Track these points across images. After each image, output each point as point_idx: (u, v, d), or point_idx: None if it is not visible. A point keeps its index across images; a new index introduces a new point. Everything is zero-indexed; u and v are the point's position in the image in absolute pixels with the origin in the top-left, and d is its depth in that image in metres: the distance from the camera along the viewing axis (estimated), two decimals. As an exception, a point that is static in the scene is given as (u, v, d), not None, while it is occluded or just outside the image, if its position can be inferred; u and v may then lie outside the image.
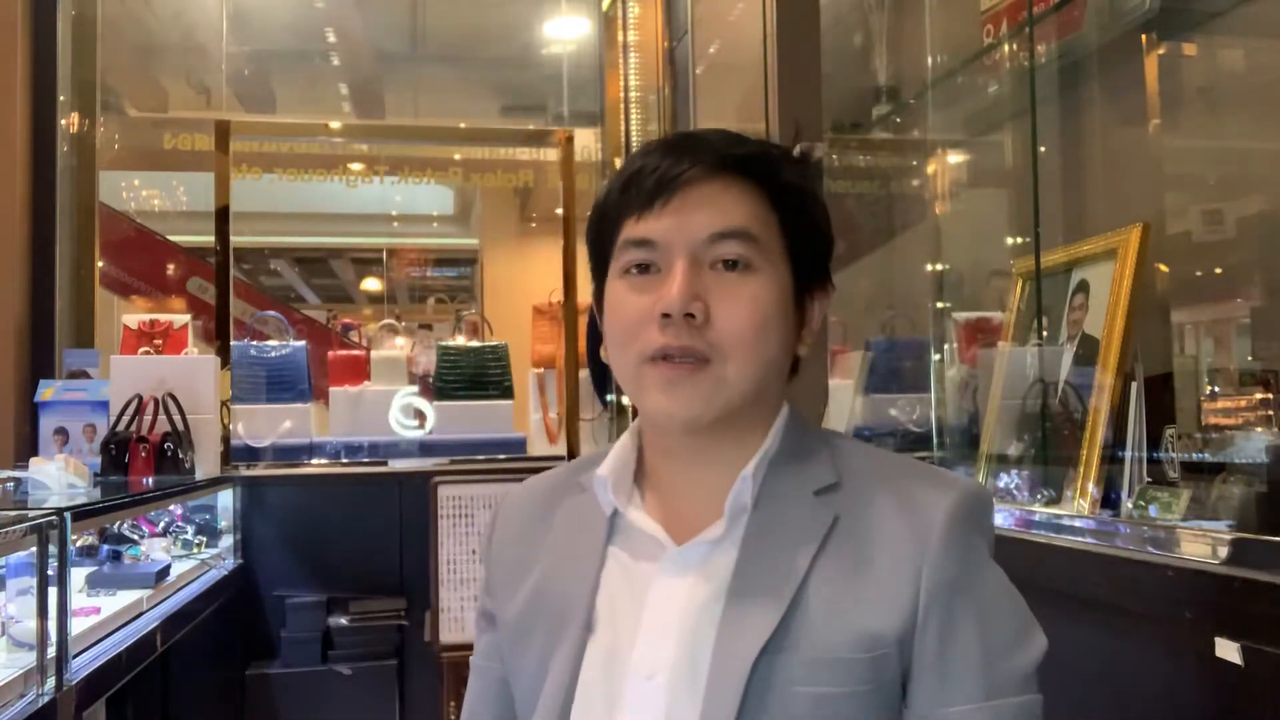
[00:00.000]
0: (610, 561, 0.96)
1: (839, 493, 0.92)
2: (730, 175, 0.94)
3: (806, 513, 0.91)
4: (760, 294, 0.92)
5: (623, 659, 0.91)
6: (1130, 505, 1.46)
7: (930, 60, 2.12)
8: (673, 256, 0.92)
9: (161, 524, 2.92)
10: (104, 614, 2.08)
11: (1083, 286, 1.71)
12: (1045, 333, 1.80)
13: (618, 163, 4.34)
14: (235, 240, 3.63)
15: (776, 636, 0.85)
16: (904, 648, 0.86)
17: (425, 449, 3.61)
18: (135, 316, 3.27)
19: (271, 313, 4.12)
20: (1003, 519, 1.65)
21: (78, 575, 2.27)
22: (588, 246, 1.02)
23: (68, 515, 1.75)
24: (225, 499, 3.18)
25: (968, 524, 0.89)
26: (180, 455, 2.91)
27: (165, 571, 2.50)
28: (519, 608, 1.00)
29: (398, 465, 3.52)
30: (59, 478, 2.30)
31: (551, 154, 4.73)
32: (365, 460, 3.54)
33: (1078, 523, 1.47)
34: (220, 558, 3.04)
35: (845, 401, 2.52)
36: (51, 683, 1.67)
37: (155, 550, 2.67)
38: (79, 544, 2.50)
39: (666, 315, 0.89)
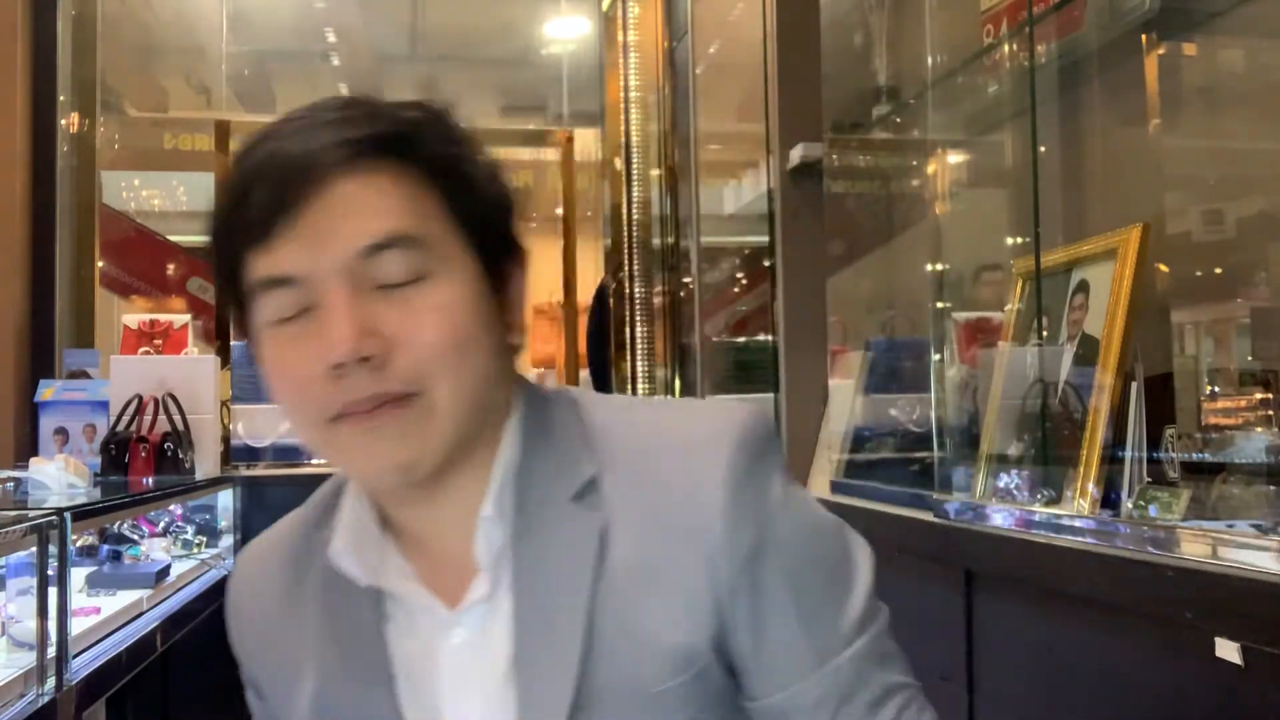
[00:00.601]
0: (394, 647, 0.82)
1: (601, 487, 0.78)
2: (368, 163, 0.74)
3: (571, 529, 0.78)
4: (446, 301, 0.74)
5: None
6: (1130, 505, 1.46)
7: (930, 60, 2.12)
8: (323, 287, 0.73)
9: (161, 524, 2.92)
10: (104, 614, 2.08)
11: (1083, 286, 1.71)
12: (1045, 333, 1.80)
13: (618, 163, 4.34)
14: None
15: (581, 693, 0.75)
16: (722, 646, 0.77)
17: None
18: (135, 316, 3.27)
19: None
20: (1003, 519, 1.65)
21: (78, 575, 2.27)
22: (216, 285, 0.81)
23: (68, 515, 1.75)
24: (225, 499, 3.18)
25: (749, 481, 0.77)
26: (180, 455, 2.92)
27: (165, 571, 2.50)
28: (305, 717, 0.85)
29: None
30: (59, 478, 2.30)
31: (551, 154, 4.74)
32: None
33: (1078, 523, 1.47)
34: (220, 558, 3.04)
35: (845, 401, 2.52)
36: (51, 683, 1.67)
37: (155, 550, 2.67)
38: (79, 544, 2.50)
39: (339, 365, 0.72)
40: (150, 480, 2.83)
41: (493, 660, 0.79)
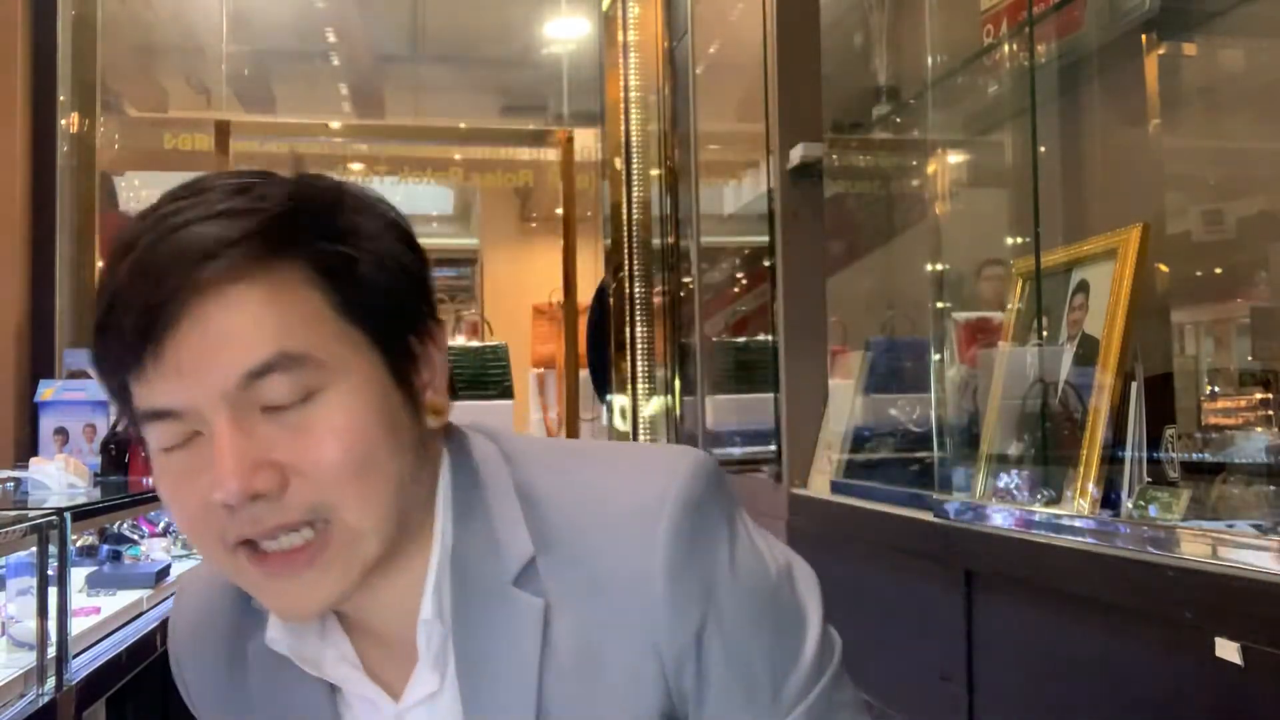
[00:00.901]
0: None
1: (539, 569, 0.74)
2: (240, 273, 0.66)
3: (512, 617, 0.73)
4: (342, 422, 0.68)
5: None
6: (1130, 505, 1.46)
7: (930, 60, 2.12)
8: (205, 418, 0.67)
9: (161, 524, 2.92)
10: (104, 614, 2.08)
11: (1083, 286, 1.71)
12: (1045, 333, 1.80)
13: (618, 163, 4.34)
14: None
15: None
16: (671, 717, 0.75)
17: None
18: (135, 316, 3.27)
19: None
20: (1003, 519, 1.65)
21: (78, 575, 2.27)
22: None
23: (68, 515, 1.75)
24: (225, 499, 3.18)
25: (690, 558, 0.73)
26: (180, 455, 2.91)
27: (165, 571, 2.50)
28: None
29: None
30: (59, 478, 2.30)
31: (551, 154, 4.74)
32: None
33: (1078, 523, 1.47)
34: (220, 558, 3.04)
35: (845, 401, 2.52)
36: (51, 683, 1.67)
37: (155, 550, 2.67)
38: (79, 544, 2.50)
39: (226, 505, 0.67)
40: (150, 480, 2.82)
41: None
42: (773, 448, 2.71)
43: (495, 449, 0.80)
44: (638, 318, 4.23)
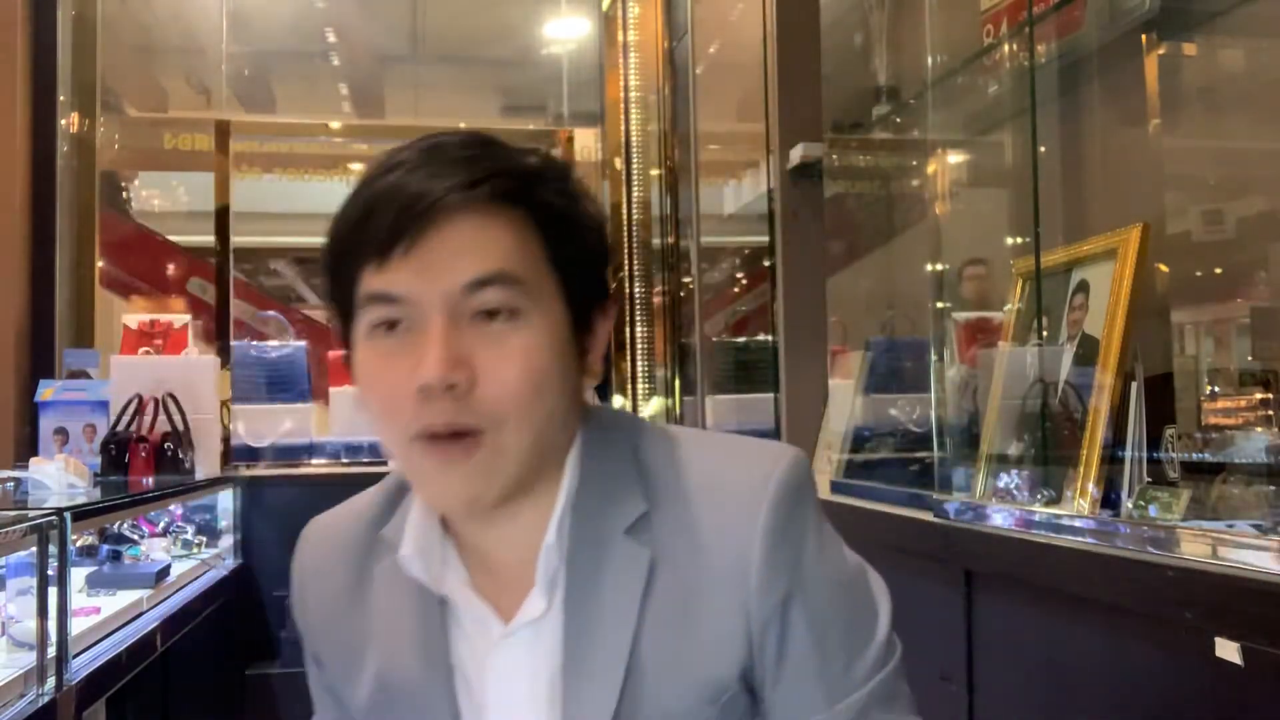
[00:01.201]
0: (456, 641, 0.88)
1: (651, 524, 0.84)
2: (484, 202, 0.79)
3: (621, 561, 0.83)
4: (531, 345, 0.79)
5: None
6: (1130, 505, 1.46)
7: (930, 60, 2.12)
8: (425, 312, 0.78)
9: (161, 524, 2.92)
10: (104, 614, 2.08)
11: (1083, 286, 1.71)
12: (1045, 333, 1.80)
13: (618, 163, 4.34)
14: (235, 240, 3.64)
15: (620, 714, 0.81)
16: (747, 678, 0.83)
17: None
18: (135, 316, 3.27)
19: (271, 313, 4.12)
20: (1003, 519, 1.65)
21: (78, 575, 2.27)
22: (325, 294, 0.87)
23: (68, 515, 1.75)
24: (225, 499, 3.18)
25: (785, 535, 0.83)
26: (180, 455, 2.92)
27: (165, 571, 2.50)
28: (364, 700, 0.90)
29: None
30: (59, 478, 2.30)
31: (552, 154, 4.73)
32: (365, 460, 3.54)
33: (1078, 523, 1.47)
34: (220, 558, 3.04)
35: (845, 401, 2.52)
36: (51, 683, 1.67)
37: (155, 550, 2.67)
38: (79, 544, 2.51)
39: (426, 388, 0.77)
40: (150, 480, 2.83)
41: (539, 675, 0.84)
42: (773, 448, 2.70)
43: (621, 422, 0.92)
44: (638, 318, 4.23)
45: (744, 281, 3.71)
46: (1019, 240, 2.07)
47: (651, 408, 4.14)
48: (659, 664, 0.81)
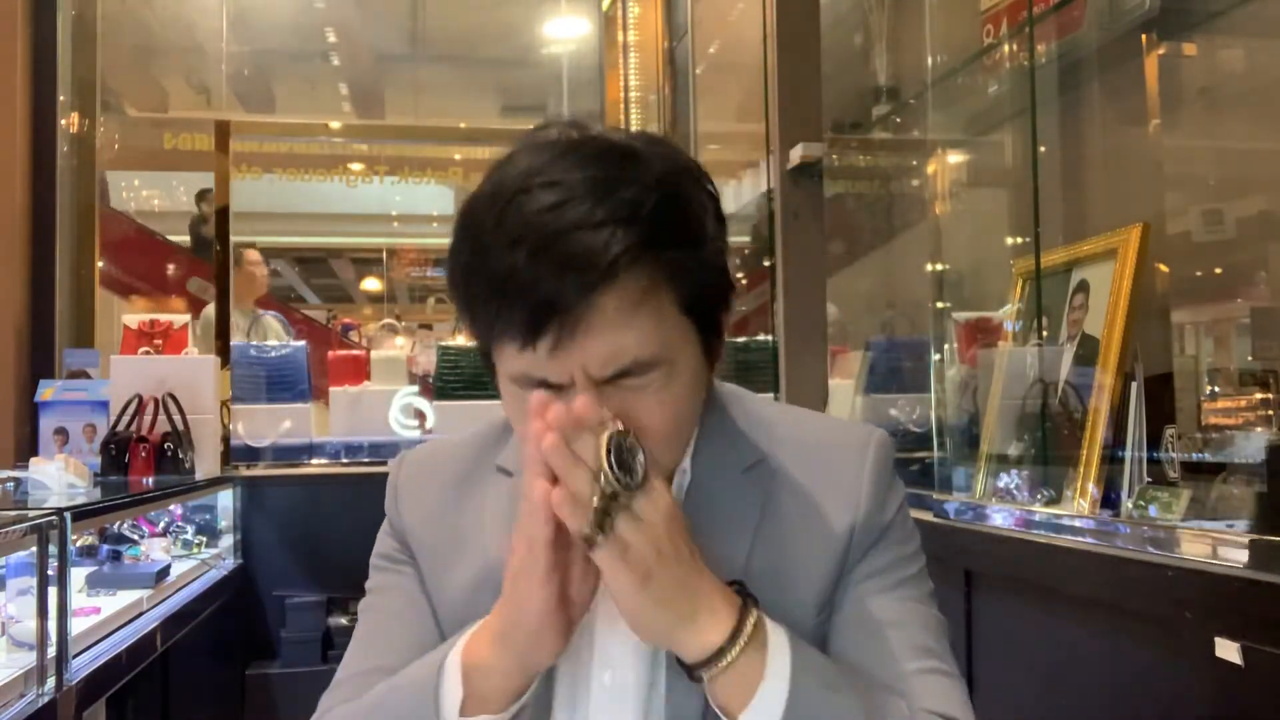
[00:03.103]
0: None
1: (764, 468, 0.93)
2: (612, 280, 0.78)
3: (738, 493, 0.92)
4: (673, 396, 0.83)
5: (582, 660, 0.90)
6: (1130, 505, 1.46)
7: (930, 60, 2.12)
8: (572, 385, 0.81)
9: (161, 524, 2.92)
10: (104, 614, 2.08)
11: (1083, 286, 1.71)
12: (1045, 333, 1.80)
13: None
14: (235, 240, 3.63)
15: None
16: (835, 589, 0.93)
17: (425, 449, 3.61)
18: (135, 316, 3.27)
19: (271, 313, 4.12)
20: (1003, 519, 1.65)
21: (78, 575, 2.27)
22: (456, 302, 0.87)
23: (68, 515, 1.75)
24: (225, 499, 3.18)
25: (886, 485, 0.93)
26: (180, 455, 2.92)
27: (165, 571, 2.50)
28: (465, 591, 0.95)
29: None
30: (59, 478, 2.30)
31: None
32: (365, 460, 3.54)
33: (1078, 523, 1.47)
34: (220, 558, 3.04)
35: (845, 401, 2.52)
36: (51, 683, 1.67)
37: (155, 550, 2.67)
38: (79, 544, 2.51)
39: None
40: (150, 480, 2.83)
41: None
42: (773, 448, 2.71)
43: (726, 387, 1.00)
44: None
45: (744, 281, 3.71)
46: (1019, 240, 2.07)
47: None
48: (767, 585, 0.87)
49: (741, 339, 3.50)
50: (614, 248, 0.77)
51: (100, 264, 3.86)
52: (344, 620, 3.13)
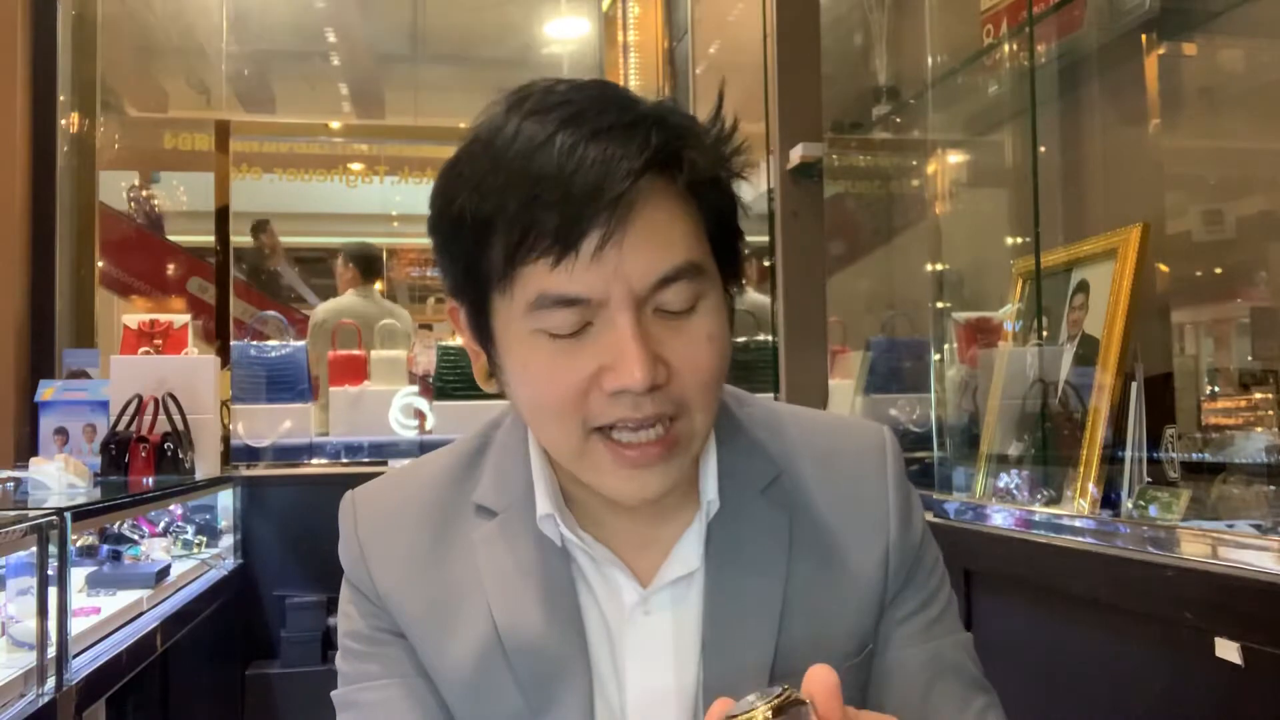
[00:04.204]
0: (584, 606, 0.84)
1: (783, 483, 0.85)
2: (658, 183, 0.72)
3: (762, 518, 0.83)
4: (715, 330, 0.76)
5: (617, 716, 0.83)
6: (1130, 505, 1.46)
7: (930, 60, 2.12)
8: (611, 309, 0.72)
9: (161, 524, 2.92)
10: (104, 614, 2.08)
11: (1083, 286, 1.71)
12: (1045, 333, 1.80)
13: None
14: (235, 240, 3.63)
15: (775, 671, 0.80)
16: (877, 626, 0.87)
17: (425, 449, 3.61)
18: (135, 316, 3.27)
19: (271, 313, 4.12)
20: (1003, 519, 1.65)
21: (78, 575, 2.27)
22: (442, 255, 0.77)
23: (68, 515, 1.75)
24: (225, 499, 3.18)
25: (906, 487, 0.89)
26: (180, 455, 2.92)
27: (165, 571, 2.50)
28: (469, 665, 0.84)
29: (398, 465, 3.52)
30: (59, 478, 2.30)
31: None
32: (365, 460, 3.54)
33: (1078, 523, 1.47)
34: (220, 558, 3.04)
35: (845, 401, 2.52)
36: (51, 683, 1.67)
37: (155, 550, 2.67)
38: (79, 544, 2.51)
39: (627, 390, 0.72)
40: (150, 480, 2.83)
41: (683, 636, 0.82)
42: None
43: (730, 392, 0.90)
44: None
45: (744, 281, 3.70)
46: (1019, 240, 2.07)
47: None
48: (808, 622, 0.81)
49: (741, 339, 3.50)
50: (655, 138, 0.71)
51: (100, 264, 3.86)
52: (344, 620, 3.12)
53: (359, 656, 0.89)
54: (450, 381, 3.70)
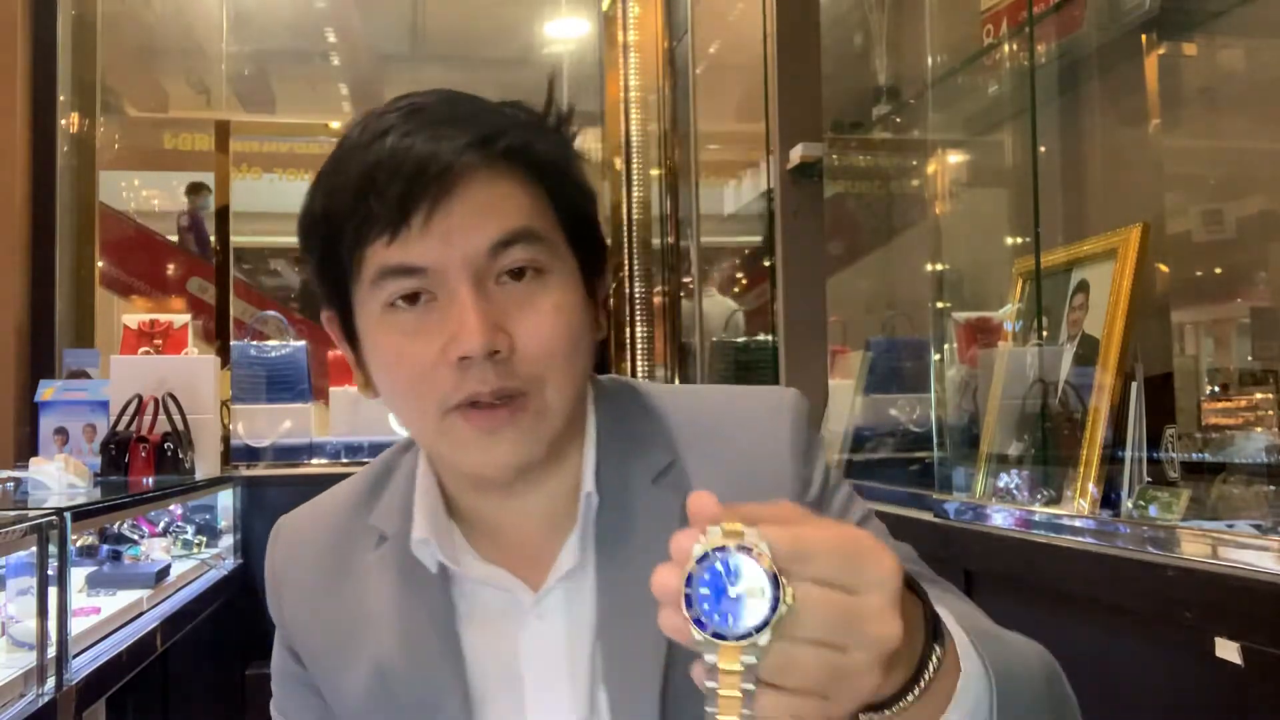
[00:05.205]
0: (464, 628, 0.83)
1: (678, 471, 0.84)
2: (494, 161, 0.76)
3: (653, 507, 0.82)
4: (561, 301, 0.78)
5: None
6: (1130, 505, 1.46)
7: (930, 60, 2.12)
8: (450, 281, 0.75)
9: (161, 524, 2.92)
10: (104, 614, 2.08)
11: (1083, 286, 1.71)
12: (1045, 333, 1.80)
13: (618, 163, 4.34)
14: (235, 240, 3.64)
15: (671, 656, 0.78)
16: None
17: (425, 449, 3.61)
18: (135, 316, 3.27)
19: (271, 313, 4.12)
20: (1003, 519, 1.65)
21: (78, 575, 2.27)
22: (311, 266, 0.81)
23: (68, 515, 1.75)
24: (225, 499, 3.18)
25: (809, 449, 0.86)
26: (180, 455, 2.92)
27: (165, 571, 2.50)
28: (359, 692, 0.85)
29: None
30: (59, 478, 2.30)
31: (551, 154, 4.74)
32: (365, 460, 3.54)
33: (1078, 523, 1.47)
34: (220, 558, 3.04)
35: (845, 401, 2.52)
36: (51, 683, 1.67)
37: (155, 550, 2.67)
38: (79, 544, 2.50)
39: (465, 358, 0.74)
40: (150, 480, 2.83)
41: (577, 637, 0.82)
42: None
43: (623, 384, 0.91)
44: (638, 318, 4.23)
45: (744, 281, 3.71)
46: (1019, 240, 2.07)
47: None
48: None
49: (741, 339, 3.50)
50: (487, 124, 0.77)
51: (100, 264, 3.86)
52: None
53: (280, 690, 0.93)
54: (450, 381, 3.69)
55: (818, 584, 0.52)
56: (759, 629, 0.51)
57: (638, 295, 4.22)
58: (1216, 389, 1.61)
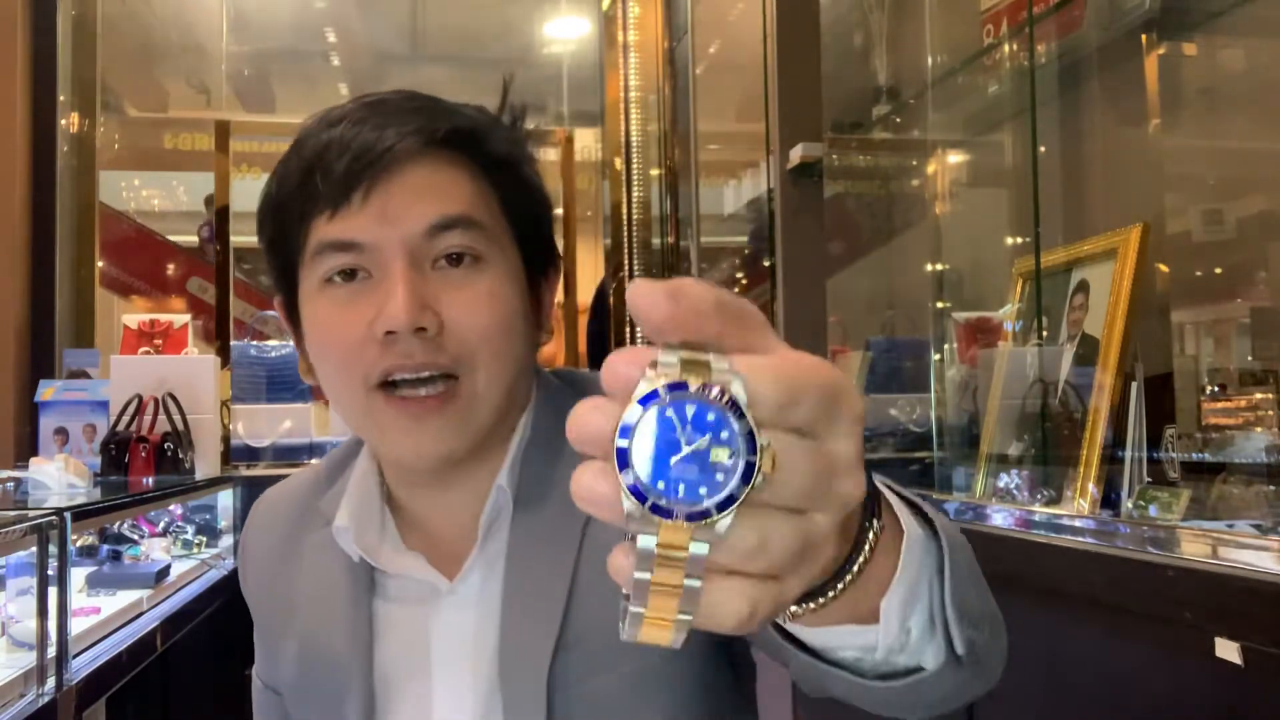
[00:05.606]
0: (379, 617, 0.85)
1: None
2: (438, 153, 0.79)
3: (563, 499, 0.82)
4: (496, 288, 0.79)
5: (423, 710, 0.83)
6: (1130, 505, 1.46)
7: (930, 60, 2.12)
8: (385, 259, 0.77)
9: (161, 524, 2.92)
10: (104, 614, 2.08)
11: (1083, 286, 1.71)
12: (1045, 333, 1.80)
13: (618, 163, 4.34)
14: (235, 240, 3.63)
15: (563, 637, 0.79)
16: None
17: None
18: (135, 316, 3.27)
19: (271, 313, 4.12)
20: (1003, 519, 1.65)
21: (78, 575, 2.27)
22: (264, 248, 0.84)
23: (68, 515, 1.75)
24: (225, 499, 3.18)
25: None
26: (180, 455, 2.91)
27: (165, 571, 2.50)
28: (290, 674, 0.89)
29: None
30: (59, 478, 2.30)
31: (551, 154, 4.73)
32: (365, 460, 3.54)
33: (1078, 523, 1.47)
34: (220, 558, 3.04)
35: (845, 401, 2.51)
36: (51, 683, 1.67)
37: (155, 550, 2.67)
38: (79, 544, 2.50)
39: (391, 333, 0.75)
40: (150, 480, 2.82)
41: (485, 628, 0.82)
42: (773, 448, 2.70)
43: (577, 378, 0.92)
44: (638, 318, 4.22)
45: (744, 281, 3.71)
46: (1019, 240, 2.07)
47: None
48: (599, 592, 0.78)
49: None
50: (435, 116, 0.80)
51: (100, 264, 3.86)
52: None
53: (256, 656, 0.97)
54: (450, 381, 3.69)
55: (800, 436, 0.39)
56: (722, 507, 0.35)
57: (638, 295, 4.21)
58: (1216, 389, 1.61)
